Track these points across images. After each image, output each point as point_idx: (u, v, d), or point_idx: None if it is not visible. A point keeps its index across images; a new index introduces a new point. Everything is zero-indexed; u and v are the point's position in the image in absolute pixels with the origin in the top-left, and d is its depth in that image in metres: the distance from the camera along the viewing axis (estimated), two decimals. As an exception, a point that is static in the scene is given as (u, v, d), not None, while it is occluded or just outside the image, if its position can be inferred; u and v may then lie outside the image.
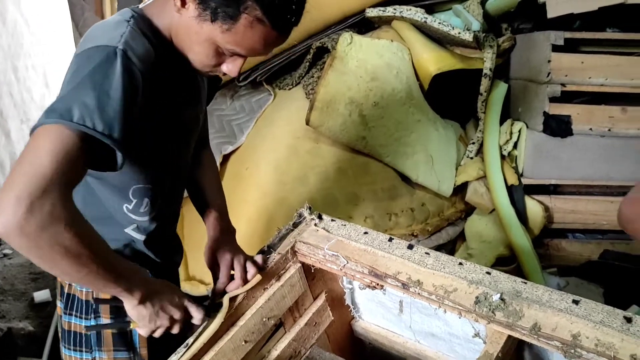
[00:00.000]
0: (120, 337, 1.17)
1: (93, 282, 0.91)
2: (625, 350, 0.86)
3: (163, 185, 1.13)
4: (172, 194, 1.19)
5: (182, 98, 1.11)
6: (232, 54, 0.99)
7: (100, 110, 0.85)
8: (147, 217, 1.11)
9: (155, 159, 1.08)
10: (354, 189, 2.32)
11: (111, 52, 0.90)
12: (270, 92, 2.66)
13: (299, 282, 1.25)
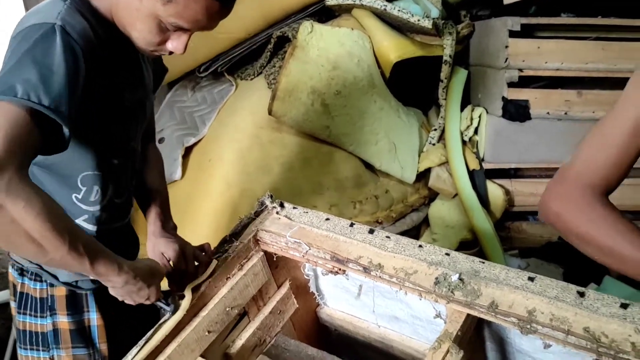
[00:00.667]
0: (78, 333, 1.14)
1: (68, 264, 0.88)
2: (578, 323, 0.88)
3: (112, 172, 1.11)
4: (123, 182, 1.16)
5: (124, 81, 1.08)
6: (175, 29, 0.97)
7: (45, 84, 0.83)
8: (98, 206, 1.09)
9: (101, 143, 1.05)
10: (318, 178, 2.33)
11: (49, 29, 0.87)
12: (232, 83, 2.63)
13: (262, 271, 1.24)
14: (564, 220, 0.97)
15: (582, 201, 0.94)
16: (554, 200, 0.98)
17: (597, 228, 0.92)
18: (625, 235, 0.89)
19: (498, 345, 1.14)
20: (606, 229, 0.91)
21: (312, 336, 1.48)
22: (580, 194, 0.95)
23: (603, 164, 0.95)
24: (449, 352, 0.93)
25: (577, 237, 0.95)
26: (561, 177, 0.99)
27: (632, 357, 0.82)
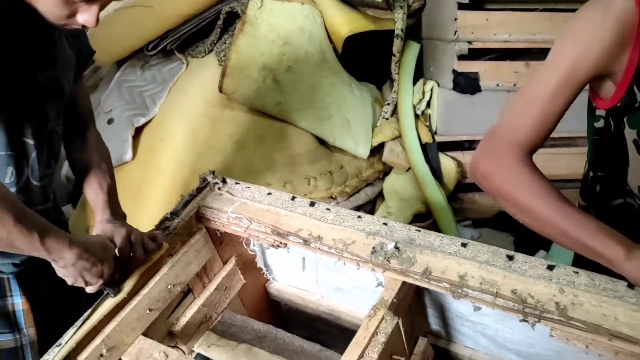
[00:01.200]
0: (2, 318, 1.11)
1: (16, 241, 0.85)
2: (506, 286, 0.91)
3: (28, 153, 1.07)
4: (42, 165, 1.12)
5: (35, 56, 1.04)
6: (81, 0, 0.93)
7: None
8: (14, 188, 1.06)
9: (12, 121, 1.02)
10: (271, 155, 2.31)
11: None
12: (183, 61, 2.58)
13: (205, 247, 1.24)
14: (489, 180, 0.99)
15: (506, 161, 0.96)
16: (481, 161, 1.00)
17: (518, 188, 0.94)
18: (543, 196, 0.92)
19: (438, 311, 1.16)
20: (526, 189, 0.93)
21: (262, 311, 1.49)
22: (505, 154, 0.97)
23: (527, 123, 0.97)
24: (384, 318, 0.95)
25: (500, 196, 0.98)
26: (489, 137, 1.01)
27: (555, 316, 0.85)
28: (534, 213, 0.93)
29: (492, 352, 1.15)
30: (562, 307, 0.85)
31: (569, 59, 0.95)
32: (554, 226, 0.91)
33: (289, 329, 1.41)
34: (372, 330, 0.93)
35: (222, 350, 1.25)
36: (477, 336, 1.15)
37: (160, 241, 1.14)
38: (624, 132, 1.07)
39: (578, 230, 0.88)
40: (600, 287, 0.87)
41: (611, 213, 1.21)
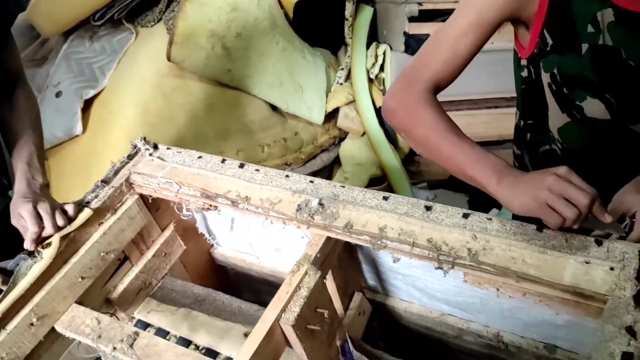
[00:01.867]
0: None
1: None
2: (423, 235, 0.92)
3: None
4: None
5: None
6: None
7: None
8: None
9: None
10: (224, 123, 2.30)
11: None
12: (132, 31, 2.52)
13: (139, 214, 1.23)
14: (394, 114, 1.03)
15: (410, 96, 1.00)
16: (390, 98, 1.04)
17: (417, 121, 0.98)
18: (436, 128, 0.96)
19: (372, 266, 1.18)
20: (423, 122, 0.97)
21: (208, 277, 1.49)
22: (409, 90, 1.01)
23: (435, 61, 1.01)
24: (307, 273, 0.96)
25: (402, 130, 1.02)
26: (400, 74, 1.05)
27: (467, 262, 0.87)
28: (428, 144, 0.98)
29: (425, 304, 1.17)
30: (474, 253, 0.87)
31: (478, 1, 0.97)
32: (444, 156, 0.96)
33: (239, 293, 1.43)
34: (295, 285, 0.94)
35: (161, 316, 1.25)
36: (410, 289, 1.17)
37: (72, 213, 1.13)
38: (542, 78, 1.10)
39: (461, 158, 0.93)
40: (510, 231, 0.89)
41: (541, 160, 1.25)
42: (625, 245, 0.82)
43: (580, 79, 1.05)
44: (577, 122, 1.11)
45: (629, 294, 0.76)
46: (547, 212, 0.82)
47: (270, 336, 0.91)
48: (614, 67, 1.00)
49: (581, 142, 1.13)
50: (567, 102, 1.10)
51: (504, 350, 1.10)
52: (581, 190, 0.82)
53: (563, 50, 1.03)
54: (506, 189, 0.87)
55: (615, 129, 1.07)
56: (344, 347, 1.06)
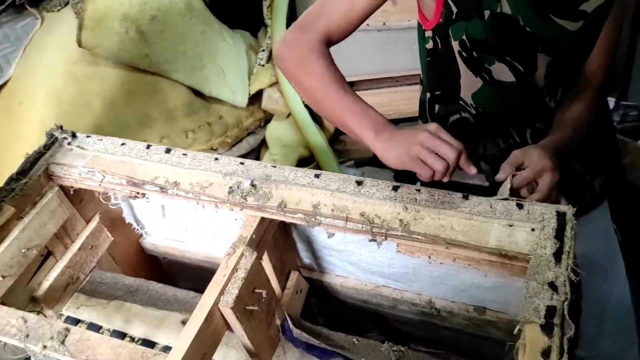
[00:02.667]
0: None
1: None
2: (356, 209, 0.94)
3: None
4: None
5: None
6: None
7: None
8: None
9: None
10: (145, 110, 2.22)
11: None
12: (37, 16, 2.37)
13: (60, 207, 1.17)
14: (285, 62, 1.06)
15: (301, 46, 1.03)
16: (282, 44, 1.06)
17: (305, 70, 1.02)
18: (322, 79, 1.01)
19: (306, 244, 1.19)
20: (310, 71, 1.01)
21: (139, 268, 1.45)
22: (301, 40, 1.04)
23: (331, 13, 1.05)
24: (243, 255, 0.95)
25: (291, 78, 1.06)
26: (296, 22, 1.08)
27: (399, 232, 0.90)
28: (314, 94, 1.03)
29: (360, 277, 1.20)
30: (405, 224, 0.90)
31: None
32: (328, 108, 1.01)
33: (173, 283, 1.39)
34: (232, 267, 0.93)
35: (92, 310, 1.21)
36: (345, 264, 1.19)
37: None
38: (452, 46, 1.15)
39: (343, 111, 0.98)
40: (438, 200, 0.92)
41: (451, 131, 1.30)
42: (543, 207, 0.87)
43: (486, 43, 1.11)
44: (489, 84, 1.17)
45: (549, 251, 0.81)
46: (418, 165, 0.89)
47: (210, 320, 0.90)
48: (514, 33, 1.07)
49: (494, 105, 1.20)
50: (479, 66, 1.16)
51: (436, 316, 1.15)
52: (449, 145, 0.89)
53: (468, 16, 1.08)
54: (382, 143, 0.93)
55: (521, 91, 1.15)
56: (283, 326, 1.07)
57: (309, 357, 1.05)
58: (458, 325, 1.14)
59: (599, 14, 1.07)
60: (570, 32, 1.07)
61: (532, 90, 1.15)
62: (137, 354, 0.93)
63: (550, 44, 1.10)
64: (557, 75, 1.15)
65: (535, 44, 1.10)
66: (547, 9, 1.05)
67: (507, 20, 1.06)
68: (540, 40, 1.09)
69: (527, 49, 1.11)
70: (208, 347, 0.92)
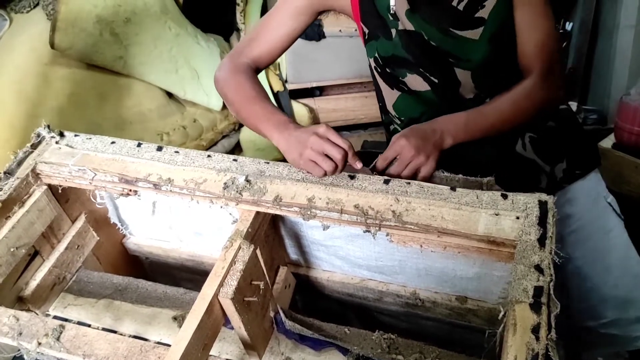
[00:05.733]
0: None
1: None
2: (350, 202, 0.98)
3: None
4: None
5: None
6: None
7: None
8: None
9: None
10: (118, 112, 2.21)
11: None
12: (5, 17, 2.33)
13: (48, 206, 1.17)
14: (217, 83, 1.23)
15: (231, 69, 1.21)
16: (218, 69, 1.23)
17: (229, 86, 1.19)
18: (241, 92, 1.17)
19: (295, 240, 1.22)
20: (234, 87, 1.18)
21: (122, 267, 1.45)
22: (232, 64, 1.22)
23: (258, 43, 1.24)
24: (240, 248, 0.97)
25: (223, 97, 1.23)
26: (232, 50, 1.28)
27: (392, 223, 0.94)
28: (235, 105, 1.18)
29: (347, 271, 1.24)
30: (398, 214, 0.94)
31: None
32: (244, 116, 1.16)
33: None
34: (230, 260, 0.96)
35: (80, 309, 1.20)
36: (332, 259, 1.22)
37: None
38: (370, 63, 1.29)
39: (255, 116, 1.12)
40: (428, 192, 0.97)
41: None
42: (526, 197, 0.93)
43: (396, 58, 1.22)
44: (406, 94, 1.28)
45: (534, 237, 0.87)
46: (310, 166, 1.00)
47: (210, 311, 0.92)
48: (421, 47, 1.17)
49: (413, 112, 1.29)
50: (393, 79, 1.27)
51: (420, 307, 1.20)
52: (336, 146, 0.99)
53: (377, 36, 1.21)
54: (282, 143, 1.05)
55: (440, 99, 1.24)
56: (276, 318, 1.09)
57: (302, 347, 1.07)
58: (441, 314, 1.19)
59: (498, 15, 1.10)
60: (474, 41, 1.13)
61: (452, 98, 1.22)
62: (135, 347, 0.95)
63: (460, 57, 1.16)
64: (485, 86, 1.20)
65: (447, 57, 1.17)
66: (445, 23, 1.12)
67: (412, 36, 1.16)
68: (449, 54, 1.16)
69: (441, 62, 1.18)
70: (208, 338, 0.94)
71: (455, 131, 1.07)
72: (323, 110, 2.61)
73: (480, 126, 1.10)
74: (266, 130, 1.09)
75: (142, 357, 0.93)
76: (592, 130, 2.30)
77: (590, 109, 2.49)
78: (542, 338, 0.76)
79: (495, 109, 1.12)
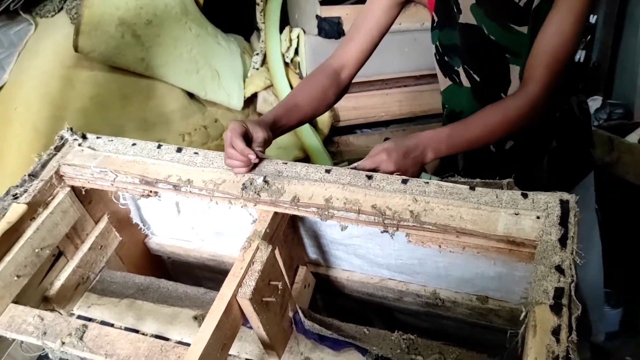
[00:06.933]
0: None
1: None
2: (367, 202, 0.97)
3: None
4: None
5: None
6: None
7: None
8: None
9: None
10: (141, 114, 2.24)
11: None
12: (31, 22, 2.38)
13: (71, 207, 1.19)
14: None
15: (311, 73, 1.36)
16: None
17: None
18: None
19: (314, 240, 1.22)
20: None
21: (144, 267, 1.47)
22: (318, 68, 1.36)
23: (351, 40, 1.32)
24: (258, 248, 0.98)
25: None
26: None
27: (410, 223, 0.93)
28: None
29: (366, 271, 1.24)
30: (416, 214, 0.93)
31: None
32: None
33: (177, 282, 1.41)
34: (249, 260, 0.96)
35: (103, 309, 1.23)
36: (351, 257, 1.22)
37: None
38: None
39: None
40: (447, 192, 0.96)
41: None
42: (547, 196, 0.91)
43: (454, 47, 1.25)
44: (455, 85, 1.32)
45: (555, 237, 0.86)
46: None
47: (229, 311, 0.92)
48: (480, 41, 1.19)
49: (456, 106, 1.36)
50: (448, 68, 1.31)
51: (440, 307, 1.19)
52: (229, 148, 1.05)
53: (443, 25, 1.26)
54: None
55: (476, 99, 1.28)
56: (295, 318, 1.10)
57: (321, 347, 1.07)
58: (461, 314, 1.18)
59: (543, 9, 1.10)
60: (527, 36, 1.13)
61: (486, 100, 1.20)
62: (156, 347, 0.96)
63: (516, 52, 1.17)
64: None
65: (505, 53, 1.18)
66: (505, 17, 1.13)
67: (473, 30, 1.18)
68: (507, 50, 1.17)
69: (497, 58, 1.19)
70: (227, 338, 0.94)
71: (438, 145, 1.08)
72: (343, 108, 2.60)
73: (465, 139, 1.10)
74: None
75: (163, 356, 0.94)
76: (618, 125, 2.26)
77: (616, 103, 2.43)
78: (562, 340, 0.74)
79: (484, 121, 1.11)
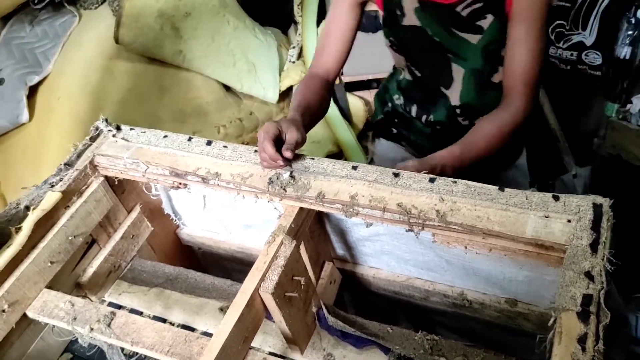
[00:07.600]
0: None
1: None
2: (393, 200, 0.96)
3: None
4: None
5: None
6: None
7: None
8: None
9: None
10: (178, 105, 2.27)
11: None
12: (75, 14, 2.44)
13: (105, 197, 1.22)
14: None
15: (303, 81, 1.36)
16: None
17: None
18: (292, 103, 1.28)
19: (340, 236, 1.22)
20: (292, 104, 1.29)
21: (176, 257, 1.50)
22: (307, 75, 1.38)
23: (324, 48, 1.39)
24: (282, 243, 0.98)
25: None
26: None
27: (436, 223, 0.92)
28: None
29: (393, 268, 1.22)
30: (442, 214, 0.92)
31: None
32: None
33: (207, 273, 1.43)
34: (272, 255, 0.96)
35: (133, 297, 1.25)
36: (378, 254, 1.21)
37: None
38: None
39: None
40: (475, 192, 0.94)
41: None
42: (580, 199, 0.88)
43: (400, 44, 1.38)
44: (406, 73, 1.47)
45: (586, 242, 0.83)
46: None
47: (251, 305, 0.93)
48: (422, 42, 1.30)
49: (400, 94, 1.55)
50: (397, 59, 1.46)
51: (468, 308, 1.16)
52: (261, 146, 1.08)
53: (390, 24, 1.35)
54: None
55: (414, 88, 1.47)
56: (319, 314, 1.10)
57: (344, 344, 1.07)
58: (489, 317, 1.16)
59: (492, 33, 1.22)
60: (474, 45, 1.26)
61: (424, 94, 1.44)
62: (180, 337, 0.97)
63: (458, 53, 1.29)
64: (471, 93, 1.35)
65: (447, 53, 1.30)
66: (449, 23, 1.25)
67: (417, 31, 1.28)
68: (449, 50, 1.29)
69: (439, 57, 1.32)
70: (249, 331, 0.95)
71: (453, 163, 1.12)
72: (379, 103, 2.58)
73: (473, 155, 1.16)
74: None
75: (186, 346, 0.95)
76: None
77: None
78: (588, 349, 0.72)
79: (484, 137, 1.19)
